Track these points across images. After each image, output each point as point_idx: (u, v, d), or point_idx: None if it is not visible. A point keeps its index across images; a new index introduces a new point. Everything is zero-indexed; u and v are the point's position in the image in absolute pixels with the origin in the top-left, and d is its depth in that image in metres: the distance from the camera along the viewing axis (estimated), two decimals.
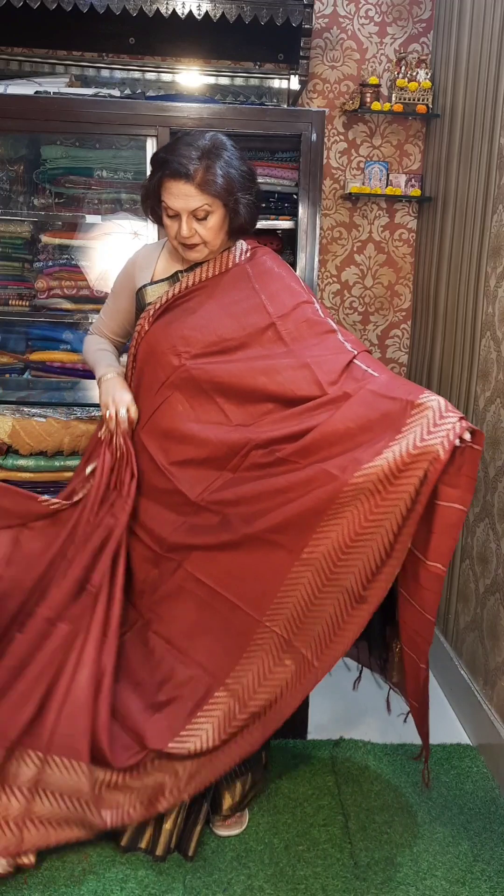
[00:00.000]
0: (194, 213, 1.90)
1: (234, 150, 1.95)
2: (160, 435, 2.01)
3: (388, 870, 1.95)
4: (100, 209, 2.69)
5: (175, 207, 1.90)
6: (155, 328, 2.00)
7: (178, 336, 1.97)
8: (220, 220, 1.94)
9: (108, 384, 2.08)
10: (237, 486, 1.94)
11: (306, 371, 1.92)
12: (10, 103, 2.46)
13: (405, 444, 1.75)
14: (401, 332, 3.39)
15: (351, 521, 1.80)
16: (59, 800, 1.86)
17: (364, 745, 2.44)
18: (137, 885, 1.89)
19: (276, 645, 1.90)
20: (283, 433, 1.91)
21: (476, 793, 2.25)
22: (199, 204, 1.89)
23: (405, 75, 3.02)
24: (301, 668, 1.89)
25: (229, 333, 1.97)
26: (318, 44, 3.07)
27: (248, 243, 2.09)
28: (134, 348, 2.06)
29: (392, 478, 1.76)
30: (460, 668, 2.64)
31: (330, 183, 3.20)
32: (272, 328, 1.98)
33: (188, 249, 1.97)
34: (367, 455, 1.78)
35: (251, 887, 1.89)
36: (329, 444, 1.85)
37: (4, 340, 2.88)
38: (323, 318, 2.01)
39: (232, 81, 3.02)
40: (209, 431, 1.97)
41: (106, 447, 2.05)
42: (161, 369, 1.99)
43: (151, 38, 2.87)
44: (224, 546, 1.93)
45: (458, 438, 1.73)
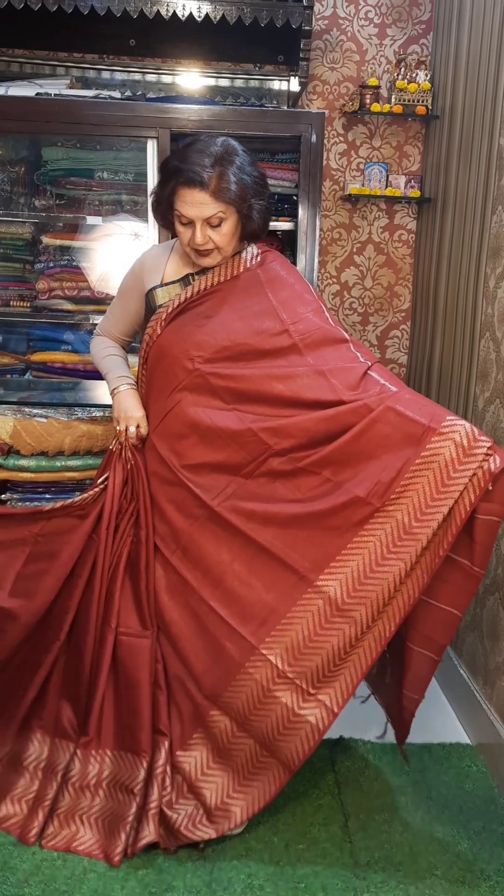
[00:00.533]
0: (208, 221, 1.90)
1: (246, 156, 1.94)
2: (172, 438, 2.01)
3: (388, 869, 1.96)
4: (100, 210, 2.71)
5: (189, 215, 1.89)
6: (167, 332, 2.00)
7: (191, 341, 1.97)
8: (234, 227, 1.94)
9: (121, 398, 2.10)
10: (264, 499, 1.95)
11: (322, 379, 1.93)
12: (11, 105, 2.47)
13: (432, 478, 1.81)
14: (400, 332, 3.39)
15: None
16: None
17: (364, 744, 2.44)
18: (138, 884, 1.89)
19: (267, 675, 1.91)
20: (302, 441, 1.92)
21: (476, 792, 2.26)
22: (214, 212, 1.88)
23: (405, 77, 3.03)
24: (299, 699, 1.90)
25: (243, 338, 1.97)
26: (318, 45, 3.08)
27: (257, 247, 2.09)
28: (145, 352, 2.06)
29: (419, 514, 1.83)
30: (460, 667, 2.65)
31: (330, 184, 3.21)
32: (285, 334, 1.98)
33: (201, 256, 1.97)
34: (392, 478, 1.84)
35: (251, 886, 1.90)
36: (350, 459, 1.89)
37: (6, 341, 2.89)
38: (334, 327, 2.02)
39: (232, 83, 3.03)
40: (228, 420, 1.97)
41: (117, 461, 2.08)
42: (173, 373, 2.00)
43: (152, 40, 2.88)
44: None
45: (490, 479, 1.79)
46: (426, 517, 1.81)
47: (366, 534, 1.86)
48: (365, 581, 1.85)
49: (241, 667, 1.92)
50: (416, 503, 1.82)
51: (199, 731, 1.99)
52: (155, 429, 2.05)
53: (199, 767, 1.98)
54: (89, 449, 2.52)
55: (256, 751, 1.95)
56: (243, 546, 1.96)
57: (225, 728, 1.96)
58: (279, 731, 1.90)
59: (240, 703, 1.93)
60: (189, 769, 1.98)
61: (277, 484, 1.96)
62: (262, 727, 1.91)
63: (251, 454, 1.96)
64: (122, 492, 2.05)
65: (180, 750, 1.99)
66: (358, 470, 1.88)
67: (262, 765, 1.96)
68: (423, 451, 1.82)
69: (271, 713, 1.90)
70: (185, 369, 1.98)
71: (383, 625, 1.87)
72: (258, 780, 1.96)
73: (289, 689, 1.90)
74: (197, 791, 1.97)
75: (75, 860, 1.95)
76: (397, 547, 1.83)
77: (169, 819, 1.94)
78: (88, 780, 2.01)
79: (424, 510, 1.81)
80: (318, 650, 1.88)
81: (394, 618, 1.87)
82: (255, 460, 1.96)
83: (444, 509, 1.80)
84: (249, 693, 1.92)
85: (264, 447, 1.95)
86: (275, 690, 1.90)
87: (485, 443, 1.81)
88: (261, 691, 1.91)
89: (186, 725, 2.00)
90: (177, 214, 1.92)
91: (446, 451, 1.81)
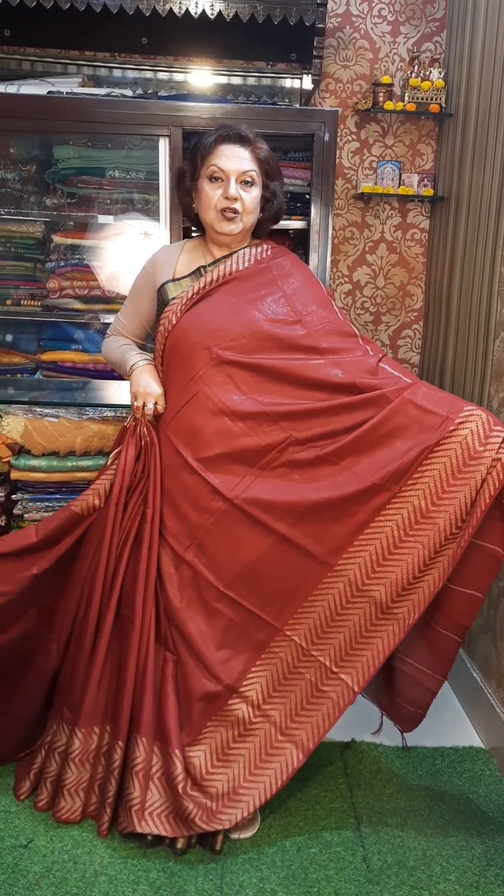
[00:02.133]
0: (242, 177, 1.97)
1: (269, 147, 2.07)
2: (188, 429, 2.01)
3: (401, 873, 1.94)
4: (111, 209, 2.69)
5: (226, 168, 1.96)
6: (183, 321, 2.01)
7: (207, 330, 1.98)
8: (257, 198, 2.02)
9: (138, 373, 2.09)
10: (282, 489, 1.96)
11: (337, 368, 1.96)
12: (23, 103, 2.46)
13: (449, 464, 1.84)
14: (413, 332, 3.37)
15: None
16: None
17: (376, 747, 2.43)
18: (149, 888, 1.88)
19: (292, 653, 1.96)
20: (323, 430, 1.95)
21: (489, 796, 2.24)
22: (250, 167, 1.98)
23: (418, 74, 3.01)
24: (322, 676, 1.94)
25: (258, 326, 1.99)
26: (331, 43, 3.06)
27: (267, 244, 2.12)
28: (161, 344, 2.06)
29: (435, 498, 1.86)
30: (473, 670, 2.63)
31: (342, 183, 3.19)
32: (299, 324, 2.01)
33: (226, 220, 1.99)
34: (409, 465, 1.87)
35: (263, 890, 1.88)
36: (368, 448, 1.92)
37: (16, 340, 2.89)
38: (344, 321, 2.06)
39: (244, 81, 3.01)
40: (246, 408, 1.98)
41: (130, 437, 2.07)
42: (190, 363, 2.00)
43: (164, 38, 2.86)
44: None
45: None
46: (443, 501, 1.85)
47: (383, 519, 1.90)
48: (383, 563, 1.89)
49: (265, 649, 1.96)
50: (433, 488, 1.85)
51: (212, 722, 1.99)
52: (170, 421, 2.04)
53: (210, 760, 1.98)
54: (100, 449, 2.51)
55: (272, 735, 1.97)
56: (262, 536, 1.96)
57: (243, 715, 1.97)
58: (302, 708, 1.95)
59: (261, 685, 1.96)
60: (199, 762, 1.97)
61: (295, 474, 1.97)
62: (284, 707, 1.95)
63: (270, 443, 1.96)
64: (133, 469, 2.05)
65: (189, 746, 1.98)
66: (375, 458, 1.90)
67: (276, 750, 1.97)
68: (441, 439, 1.85)
69: (295, 689, 1.95)
70: (202, 358, 1.98)
71: (407, 612, 1.90)
72: (272, 765, 1.97)
73: (312, 666, 1.95)
74: (208, 782, 1.97)
75: (86, 862, 1.94)
76: (414, 530, 1.87)
77: (183, 810, 1.93)
78: (84, 754, 2.05)
79: (441, 495, 1.85)
80: (341, 628, 1.93)
81: (418, 606, 1.90)
82: (275, 449, 1.96)
83: (460, 495, 1.83)
84: (273, 673, 1.96)
85: (284, 436, 1.96)
86: (299, 667, 1.95)
87: (501, 432, 1.83)
88: (286, 668, 1.96)
89: (196, 721, 1.99)
90: (211, 170, 1.97)
91: (463, 438, 1.83)
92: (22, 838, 2.01)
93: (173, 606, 2.02)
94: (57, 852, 1.97)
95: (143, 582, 2.01)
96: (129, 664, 2.00)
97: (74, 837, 2.02)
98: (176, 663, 2.02)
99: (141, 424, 2.06)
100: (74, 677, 2.08)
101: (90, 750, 2.05)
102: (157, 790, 1.97)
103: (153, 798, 1.97)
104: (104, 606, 2.05)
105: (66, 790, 2.04)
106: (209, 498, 1.98)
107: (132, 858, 1.96)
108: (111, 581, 2.05)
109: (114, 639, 2.05)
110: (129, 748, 2.00)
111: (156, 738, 1.99)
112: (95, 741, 2.05)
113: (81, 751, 2.05)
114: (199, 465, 1.98)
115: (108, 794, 2.01)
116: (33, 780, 2.15)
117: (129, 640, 2.02)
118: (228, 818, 1.94)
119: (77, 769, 2.04)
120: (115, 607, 2.04)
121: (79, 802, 2.05)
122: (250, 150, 1.98)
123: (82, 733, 2.04)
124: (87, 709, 2.04)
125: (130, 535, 2.04)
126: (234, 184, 1.96)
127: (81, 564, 2.10)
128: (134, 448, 2.06)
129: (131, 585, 2.03)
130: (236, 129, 1.99)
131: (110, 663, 2.06)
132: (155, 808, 1.96)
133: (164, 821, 1.95)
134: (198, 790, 1.96)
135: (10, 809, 2.11)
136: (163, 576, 2.04)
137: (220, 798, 1.96)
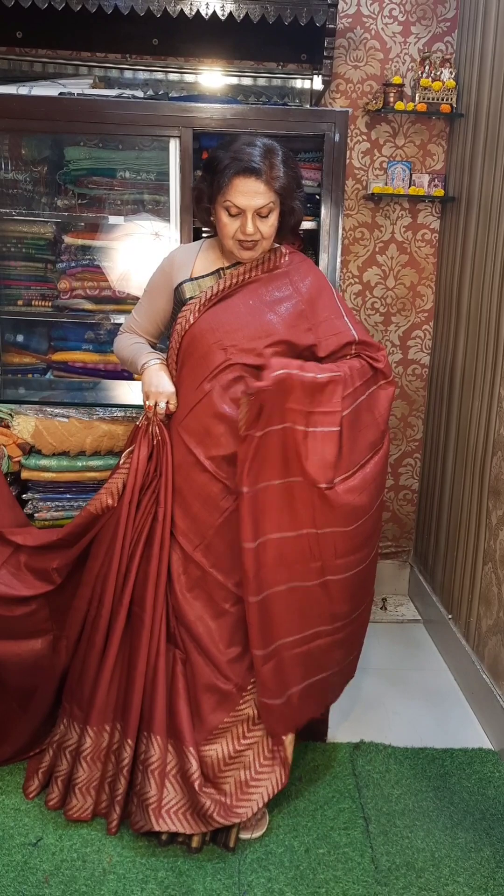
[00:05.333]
0: (259, 212, 1.93)
1: (286, 152, 1.98)
2: (200, 428, 2.01)
3: (410, 875, 1.94)
4: (122, 210, 2.70)
5: (241, 205, 1.91)
6: (200, 321, 2.01)
7: (223, 331, 1.98)
8: (275, 222, 1.98)
9: (151, 373, 2.09)
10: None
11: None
12: (35, 104, 2.47)
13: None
14: (423, 333, 3.36)
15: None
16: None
17: (385, 748, 2.42)
18: (157, 887, 1.88)
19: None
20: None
21: (498, 798, 2.23)
22: (266, 201, 1.92)
23: (429, 75, 3.00)
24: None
25: (274, 330, 1.99)
26: (342, 43, 3.06)
27: (286, 248, 2.12)
28: (177, 342, 2.05)
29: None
30: (482, 671, 2.62)
31: (352, 183, 3.18)
32: (311, 332, 2.03)
33: (244, 249, 1.98)
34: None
35: (271, 890, 1.89)
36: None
37: (27, 341, 2.90)
38: (348, 332, 2.05)
39: (255, 82, 3.01)
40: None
41: (143, 436, 2.08)
42: (205, 363, 2.00)
43: (175, 39, 2.86)
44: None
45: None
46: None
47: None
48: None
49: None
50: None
51: (225, 721, 2.00)
52: (183, 420, 2.05)
53: (223, 757, 1.99)
54: (110, 449, 2.52)
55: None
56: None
57: (253, 712, 2.00)
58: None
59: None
60: (213, 760, 1.99)
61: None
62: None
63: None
64: (146, 468, 2.06)
65: (203, 744, 1.99)
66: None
67: (273, 752, 2.03)
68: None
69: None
70: (217, 358, 1.99)
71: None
72: (276, 760, 2.01)
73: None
74: (222, 779, 1.99)
75: (95, 861, 1.95)
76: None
77: (201, 806, 1.94)
78: (95, 753, 2.07)
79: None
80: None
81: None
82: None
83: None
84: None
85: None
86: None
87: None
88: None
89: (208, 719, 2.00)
90: (227, 205, 1.93)
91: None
92: (31, 836, 2.02)
93: (181, 606, 2.03)
94: (66, 851, 1.98)
95: (154, 581, 2.02)
96: (140, 662, 2.01)
97: (83, 836, 2.03)
98: (185, 662, 2.03)
99: (153, 423, 2.06)
100: (85, 675, 2.09)
101: (101, 748, 2.06)
102: (173, 788, 1.98)
103: (169, 796, 1.97)
104: (116, 604, 2.06)
105: (78, 788, 2.05)
106: (220, 496, 1.99)
107: (141, 857, 1.97)
108: (123, 579, 2.05)
109: (124, 637, 2.06)
110: (140, 746, 2.01)
111: (169, 736, 2.00)
112: (106, 739, 2.06)
113: (93, 749, 2.05)
114: (210, 464, 1.99)
115: (117, 792, 2.02)
116: (42, 779, 2.16)
117: (139, 639, 2.02)
118: (244, 811, 1.97)
119: (88, 767, 2.05)
120: (127, 605, 2.05)
121: (90, 801, 2.06)
122: (264, 182, 1.90)
123: (94, 731, 2.05)
124: (98, 707, 2.05)
125: (143, 533, 2.05)
126: (251, 220, 1.93)
127: (93, 563, 2.11)
128: (146, 447, 2.07)
129: (142, 584, 2.04)
130: (249, 162, 1.89)
131: (121, 661, 2.07)
132: (172, 806, 1.97)
133: (182, 818, 1.96)
134: (212, 787, 1.98)
135: (19, 808, 2.12)
136: (172, 575, 2.04)
137: (234, 793, 1.98)
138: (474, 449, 2.80)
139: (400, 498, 3.55)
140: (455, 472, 3.01)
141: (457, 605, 2.95)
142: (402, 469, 3.51)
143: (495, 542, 2.57)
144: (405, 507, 3.56)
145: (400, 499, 3.55)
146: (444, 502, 3.13)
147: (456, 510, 2.99)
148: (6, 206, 2.72)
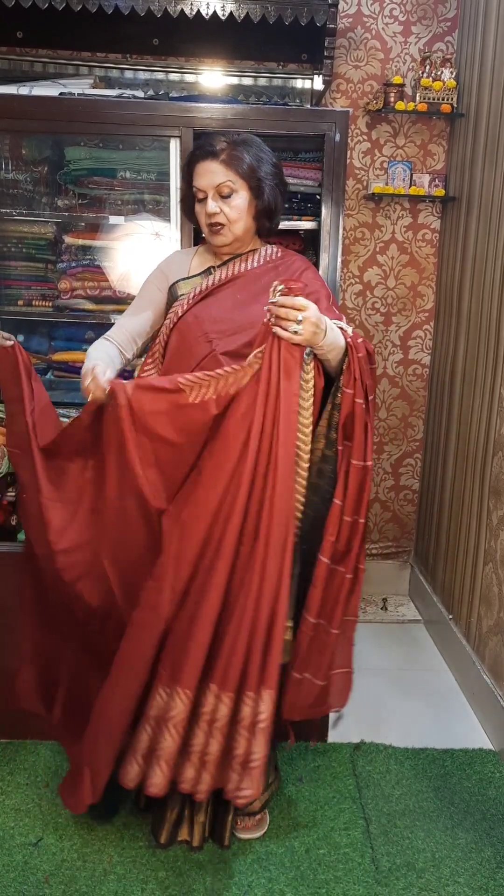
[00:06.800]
0: (218, 190, 1.96)
1: (265, 147, 2.03)
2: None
3: (410, 875, 1.94)
4: (122, 210, 2.70)
5: (202, 186, 1.96)
6: (188, 315, 2.03)
7: (209, 323, 2.00)
8: (245, 202, 1.99)
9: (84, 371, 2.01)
10: None
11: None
12: (35, 105, 2.47)
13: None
14: (423, 332, 3.36)
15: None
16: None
17: (385, 748, 2.42)
18: (158, 886, 1.88)
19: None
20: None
21: (499, 799, 2.23)
22: (223, 179, 1.95)
23: (429, 75, 3.00)
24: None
25: (259, 322, 1.97)
26: (342, 43, 3.06)
27: (278, 247, 2.12)
28: (165, 336, 2.07)
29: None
30: (483, 672, 2.62)
31: (353, 183, 3.18)
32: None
33: (214, 234, 2.01)
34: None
35: (272, 891, 1.89)
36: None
37: (28, 341, 2.89)
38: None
39: (255, 82, 3.01)
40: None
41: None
42: (190, 354, 2.00)
43: (175, 39, 2.87)
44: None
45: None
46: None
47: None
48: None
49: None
50: None
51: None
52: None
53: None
54: None
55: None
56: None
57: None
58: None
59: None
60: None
61: None
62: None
63: None
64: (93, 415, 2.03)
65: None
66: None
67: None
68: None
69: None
70: (202, 350, 1.99)
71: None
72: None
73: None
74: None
75: (95, 861, 1.95)
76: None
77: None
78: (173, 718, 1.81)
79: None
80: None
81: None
82: None
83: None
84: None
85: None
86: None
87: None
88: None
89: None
90: (195, 193, 1.99)
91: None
92: (31, 836, 2.03)
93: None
94: (66, 851, 1.98)
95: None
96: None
97: (83, 836, 2.03)
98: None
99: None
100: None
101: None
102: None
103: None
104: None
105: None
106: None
107: (141, 857, 1.97)
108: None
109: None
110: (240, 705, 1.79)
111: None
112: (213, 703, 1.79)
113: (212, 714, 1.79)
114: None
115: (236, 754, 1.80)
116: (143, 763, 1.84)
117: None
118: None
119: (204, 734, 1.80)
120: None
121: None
122: (221, 162, 1.95)
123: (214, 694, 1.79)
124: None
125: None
126: (211, 200, 1.97)
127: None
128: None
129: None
130: (204, 146, 1.97)
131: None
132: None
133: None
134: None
135: (19, 808, 2.12)
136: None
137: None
138: (475, 449, 2.79)
139: (400, 498, 3.55)
140: (455, 472, 3.01)
141: (457, 605, 2.94)
142: (402, 469, 3.51)
143: (496, 542, 2.57)
144: (406, 507, 3.56)
145: (400, 499, 3.55)
146: (445, 502, 3.13)
147: (456, 510, 2.98)
148: (7, 206, 2.72)
